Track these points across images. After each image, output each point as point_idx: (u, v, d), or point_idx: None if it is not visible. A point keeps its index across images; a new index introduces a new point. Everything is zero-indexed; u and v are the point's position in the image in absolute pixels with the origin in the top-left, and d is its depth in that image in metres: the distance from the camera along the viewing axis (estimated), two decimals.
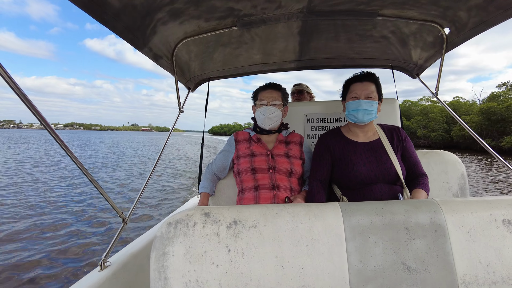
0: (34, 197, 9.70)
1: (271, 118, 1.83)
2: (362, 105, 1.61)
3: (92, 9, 1.24)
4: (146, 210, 8.30)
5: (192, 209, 1.19)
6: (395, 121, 2.39)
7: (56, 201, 9.17)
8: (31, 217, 7.52)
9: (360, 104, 1.62)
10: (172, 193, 10.84)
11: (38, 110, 1.10)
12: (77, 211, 8.11)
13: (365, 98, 1.62)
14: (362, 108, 1.61)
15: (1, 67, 0.94)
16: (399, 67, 2.69)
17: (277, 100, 1.86)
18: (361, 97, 1.62)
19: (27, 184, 11.88)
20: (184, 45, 1.98)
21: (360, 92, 1.64)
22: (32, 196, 9.83)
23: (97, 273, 1.46)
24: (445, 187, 1.98)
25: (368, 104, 1.61)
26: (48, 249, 5.59)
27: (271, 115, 1.82)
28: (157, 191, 10.93)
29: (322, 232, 1.12)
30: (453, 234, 1.10)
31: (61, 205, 8.73)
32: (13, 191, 10.46)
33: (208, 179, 1.93)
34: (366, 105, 1.61)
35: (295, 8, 1.68)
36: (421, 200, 1.23)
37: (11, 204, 8.63)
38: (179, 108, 2.34)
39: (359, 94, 1.64)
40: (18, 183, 11.89)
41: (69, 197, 9.78)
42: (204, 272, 1.08)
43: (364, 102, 1.61)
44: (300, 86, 3.39)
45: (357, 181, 1.61)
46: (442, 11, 1.70)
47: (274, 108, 1.84)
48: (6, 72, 0.96)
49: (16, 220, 7.27)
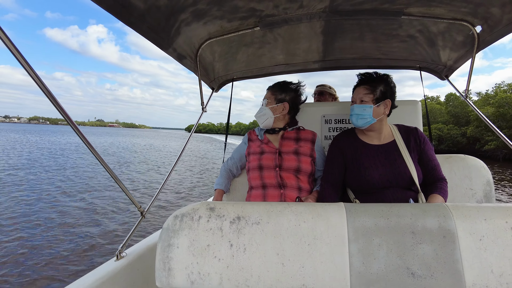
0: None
1: (260, 117, 1.89)
2: (354, 110, 1.63)
3: (118, 10, 1.29)
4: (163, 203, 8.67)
5: (198, 203, 1.23)
6: (417, 123, 2.29)
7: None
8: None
9: (353, 108, 1.64)
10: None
11: (62, 107, 1.18)
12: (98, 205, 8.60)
13: (359, 102, 1.63)
14: (354, 113, 1.63)
15: (28, 65, 1.03)
16: (427, 68, 2.57)
17: (268, 99, 1.90)
18: (357, 101, 1.64)
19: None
20: (208, 46, 2.03)
21: (356, 96, 1.65)
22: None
23: (113, 262, 1.54)
24: (468, 193, 1.87)
25: (360, 108, 1.61)
26: (70, 238, 6.02)
27: (259, 113, 1.89)
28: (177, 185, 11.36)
29: (325, 232, 1.11)
30: (463, 241, 1.04)
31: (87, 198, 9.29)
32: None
33: (223, 176, 1.97)
34: (358, 109, 1.61)
35: (317, 8, 1.67)
36: (431, 204, 1.18)
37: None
38: (202, 107, 2.40)
39: (355, 98, 1.65)
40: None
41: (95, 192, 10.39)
42: (206, 265, 1.12)
43: (357, 106, 1.62)
44: (322, 87, 3.34)
45: (369, 185, 1.56)
46: (473, 8, 1.61)
47: (263, 107, 1.89)
48: (32, 69, 1.04)
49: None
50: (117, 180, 1.54)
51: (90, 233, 6.31)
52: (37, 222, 6.83)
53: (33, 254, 5.23)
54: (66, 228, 6.56)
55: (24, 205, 8.22)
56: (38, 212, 7.66)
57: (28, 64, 1.01)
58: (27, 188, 10.31)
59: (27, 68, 1.01)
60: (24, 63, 1.00)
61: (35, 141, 35.14)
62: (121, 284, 1.50)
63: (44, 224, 6.72)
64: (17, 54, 0.98)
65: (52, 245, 5.66)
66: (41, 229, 6.42)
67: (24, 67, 1.00)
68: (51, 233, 6.24)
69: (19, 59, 0.99)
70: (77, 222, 6.94)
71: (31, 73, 1.04)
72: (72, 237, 6.05)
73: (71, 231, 6.41)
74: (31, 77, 1.06)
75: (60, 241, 5.87)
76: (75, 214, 7.59)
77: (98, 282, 1.38)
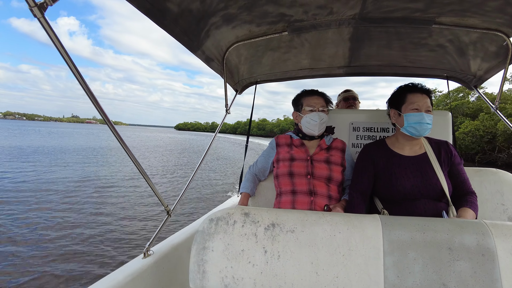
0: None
1: (322, 124, 1.85)
2: (425, 119, 1.55)
3: (153, 13, 1.32)
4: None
5: (233, 208, 1.25)
6: (447, 135, 2.26)
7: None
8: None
9: (423, 117, 1.55)
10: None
11: (102, 107, 1.21)
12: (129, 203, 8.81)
13: (425, 111, 1.57)
14: (425, 121, 1.55)
15: (77, 71, 1.06)
16: (455, 77, 2.54)
17: (324, 106, 1.88)
18: (422, 110, 1.57)
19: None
20: (234, 49, 2.04)
21: (422, 104, 1.57)
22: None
23: (140, 260, 1.57)
24: (499, 209, 1.83)
25: (429, 118, 1.56)
26: (103, 234, 6.26)
27: (321, 121, 1.84)
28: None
29: (360, 244, 1.11)
30: (503, 260, 1.03)
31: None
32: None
33: (249, 180, 1.99)
34: (428, 118, 1.56)
35: (347, 15, 1.66)
36: (468, 220, 1.17)
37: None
38: (226, 109, 2.43)
39: (421, 106, 1.57)
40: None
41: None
42: (240, 269, 1.13)
43: (426, 115, 1.56)
44: (350, 93, 3.33)
45: (400, 195, 1.56)
46: (508, 19, 1.58)
47: (323, 114, 1.85)
48: (79, 73, 1.08)
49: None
50: (147, 178, 1.57)
51: (118, 229, 6.54)
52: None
53: (63, 253, 5.41)
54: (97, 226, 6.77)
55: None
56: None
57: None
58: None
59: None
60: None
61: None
62: (148, 281, 1.53)
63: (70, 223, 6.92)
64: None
65: (79, 243, 5.85)
66: (66, 228, 6.62)
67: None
68: (76, 230, 6.45)
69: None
70: (105, 220, 7.17)
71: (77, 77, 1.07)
72: (100, 234, 6.27)
73: (99, 228, 6.63)
74: (76, 78, 1.09)
75: (88, 238, 6.08)
76: (104, 211, 7.84)
77: (126, 280, 1.41)
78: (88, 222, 6.97)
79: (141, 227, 6.74)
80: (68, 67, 1.06)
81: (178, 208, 8.15)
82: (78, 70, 1.07)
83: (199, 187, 11.81)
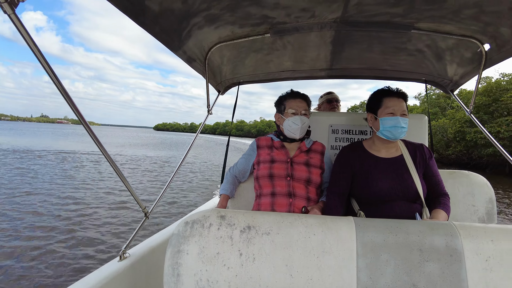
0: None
1: (304, 128, 1.86)
2: (400, 123, 1.58)
3: (133, 12, 1.29)
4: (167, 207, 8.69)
5: (209, 210, 1.24)
6: (423, 138, 2.32)
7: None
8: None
9: (398, 121, 1.58)
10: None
11: (77, 107, 1.19)
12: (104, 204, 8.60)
13: (400, 115, 1.60)
14: (400, 125, 1.58)
15: (51, 69, 1.03)
16: (433, 82, 2.60)
17: (306, 110, 1.90)
18: (397, 114, 1.60)
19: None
20: (217, 50, 2.03)
21: (397, 108, 1.60)
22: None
23: (116, 262, 1.55)
24: (470, 210, 1.90)
25: (405, 121, 1.59)
26: (74, 237, 6.03)
27: (303, 124, 1.85)
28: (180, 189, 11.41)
29: (334, 246, 1.12)
30: (470, 261, 1.06)
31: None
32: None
33: (229, 182, 1.98)
34: (403, 122, 1.59)
35: (329, 18, 1.68)
36: (439, 222, 1.21)
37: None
38: (208, 110, 2.41)
39: (396, 110, 1.60)
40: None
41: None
42: (215, 272, 1.13)
43: (402, 119, 1.58)
44: (332, 95, 3.37)
45: (376, 197, 1.59)
46: (483, 27, 1.63)
47: (305, 117, 1.86)
48: (53, 73, 1.05)
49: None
50: (124, 180, 1.55)
51: (94, 232, 6.34)
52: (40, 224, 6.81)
53: (38, 255, 5.23)
54: (70, 227, 6.59)
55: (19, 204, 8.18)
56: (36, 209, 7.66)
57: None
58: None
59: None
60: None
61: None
62: (124, 285, 1.51)
63: (48, 224, 6.72)
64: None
65: (56, 245, 5.68)
66: (42, 230, 6.41)
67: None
68: (53, 233, 6.25)
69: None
70: (81, 222, 6.96)
71: (53, 78, 1.04)
72: (76, 237, 6.08)
73: (75, 230, 6.44)
74: (52, 81, 1.06)
75: (64, 240, 5.89)
76: (78, 213, 7.61)
77: (101, 283, 1.38)
78: (60, 224, 6.76)
79: (118, 229, 6.59)
80: (41, 65, 1.03)
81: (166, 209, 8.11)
82: (51, 68, 1.05)
83: (185, 188, 11.72)
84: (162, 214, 7.85)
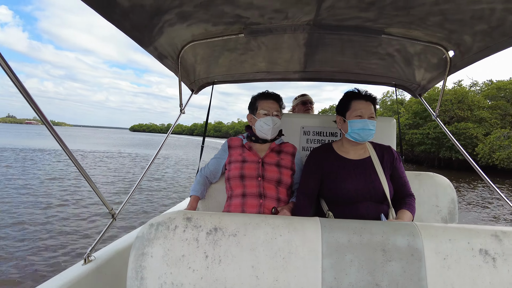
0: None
1: (275, 128, 1.86)
2: (368, 125, 1.61)
3: (101, 7, 1.25)
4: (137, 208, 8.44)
5: (175, 212, 1.22)
6: (391, 140, 2.39)
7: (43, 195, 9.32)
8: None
9: (366, 124, 1.62)
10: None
11: (38, 105, 1.13)
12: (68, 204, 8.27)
13: (368, 117, 1.63)
14: (368, 128, 1.61)
15: (8, 66, 0.97)
16: (402, 85, 2.69)
17: (278, 111, 1.90)
18: (365, 116, 1.63)
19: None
20: (190, 48, 2.00)
21: (365, 111, 1.64)
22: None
23: (80, 266, 1.49)
24: (434, 210, 1.97)
25: (372, 124, 1.63)
26: (36, 241, 5.73)
27: (275, 125, 1.85)
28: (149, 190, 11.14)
29: (300, 246, 1.13)
30: (429, 260, 1.10)
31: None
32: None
33: (200, 183, 1.95)
34: (371, 125, 1.62)
35: (302, 20, 1.69)
36: (402, 222, 1.24)
37: None
38: (181, 109, 2.37)
39: (364, 113, 1.64)
40: None
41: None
42: (180, 275, 1.11)
43: (370, 122, 1.62)
44: (306, 97, 3.41)
45: (344, 198, 1.61)
46: (447, 34, 1.70)
47: (276, 118, 1.86)
48: (11, 70, 0.99)
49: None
50: (89, 180, 1.49)
51: (57, 235, 6.05)
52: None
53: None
54: (32, 228, 6.28)
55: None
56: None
57: None
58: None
59: None
60: None
61: None
62: None
63: (8, 224, 6.39)
64: None
65: (17, 246, 5.41)
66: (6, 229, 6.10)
67: None
68: (15, 234, 5.96)
69: None
70: (44, 224, 6.62)
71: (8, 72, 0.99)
72: (39, 239, 5.79)
73: (38, 232, 6.13)
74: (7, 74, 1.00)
75: (26, 242, 5.61)
76: (41, 215, 7.24)
77: (64, 287, 1.33)
78: (21, 225, 6.45)
79: (85, 231, 6.35)
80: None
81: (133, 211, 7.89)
82: (9, 65, 0.99)
83: (155, 189, 11.48)
84: (134, 215, 7.64)
